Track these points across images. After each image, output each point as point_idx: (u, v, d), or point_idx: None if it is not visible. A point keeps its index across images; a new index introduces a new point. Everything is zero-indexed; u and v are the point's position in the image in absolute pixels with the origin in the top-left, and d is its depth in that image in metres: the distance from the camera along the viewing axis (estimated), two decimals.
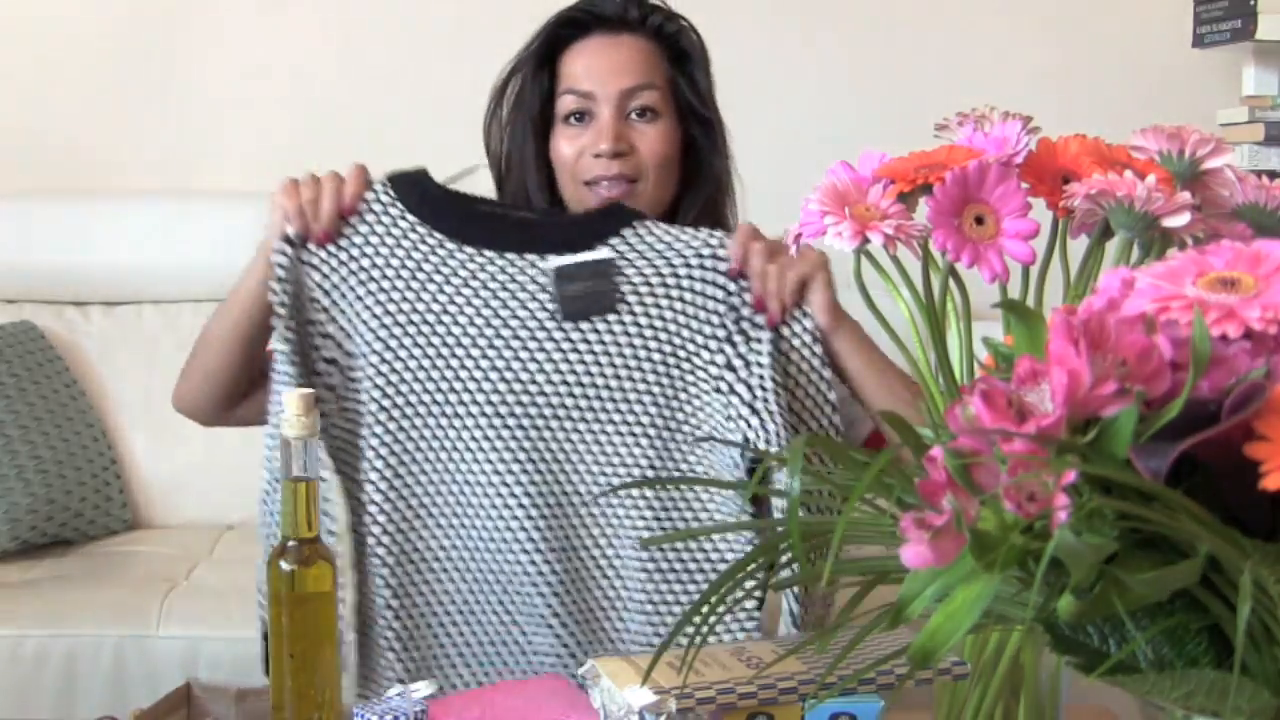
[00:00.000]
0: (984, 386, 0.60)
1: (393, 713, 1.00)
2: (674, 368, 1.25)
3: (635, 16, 1.42)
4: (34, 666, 1.98)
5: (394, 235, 1.27)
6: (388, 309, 1.26)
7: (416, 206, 1.28)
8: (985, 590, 0.60)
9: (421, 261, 1.26)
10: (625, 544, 1.26)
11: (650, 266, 1.26)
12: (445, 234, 1.27)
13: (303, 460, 1.03)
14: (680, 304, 1.26)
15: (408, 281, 1.26)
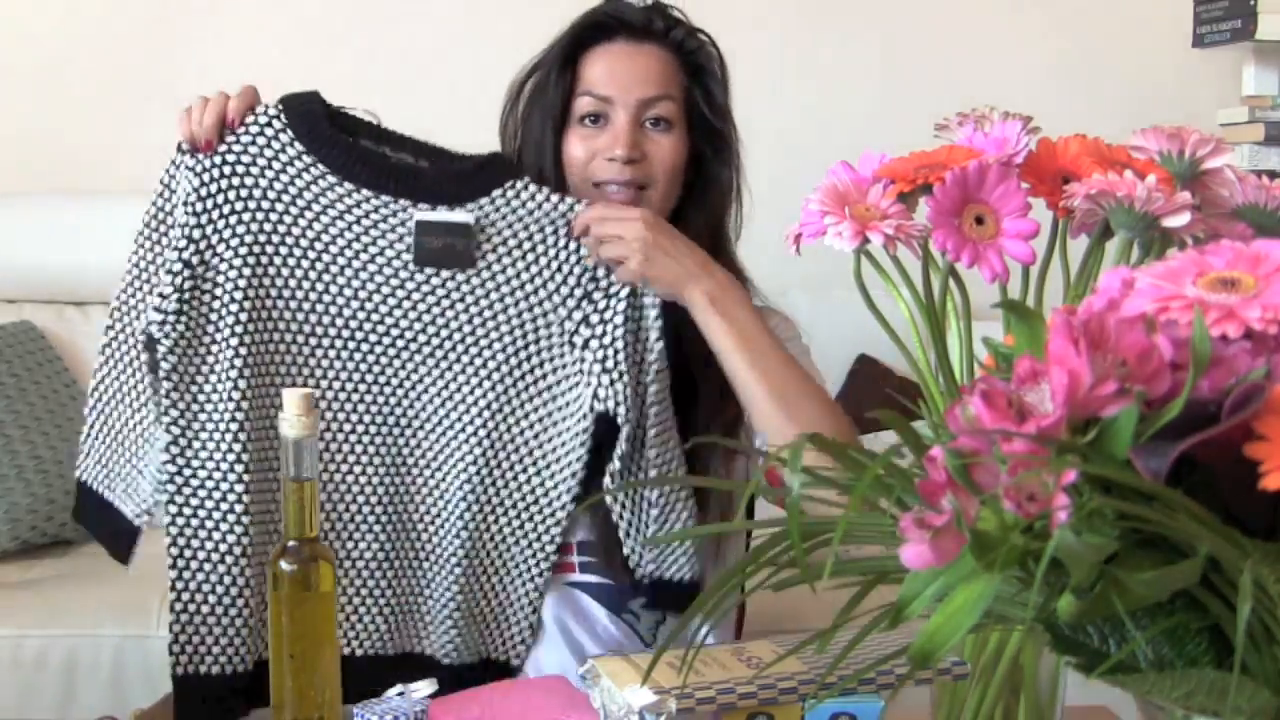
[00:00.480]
0: (984, 386, 0.60)
1: (393, 713, 1.00)
2: (529, 321, 1.35)
3: (660, 28, 1.44)
4: (34, 666, 1.99)
5: (278, 158, 1.32)
6: (260, 225, 1.31)
7: (305, 135, 1.33)
8: (985, 590, 0.60)
9: (301, 188, 1.32)
10: (452, 473, 1.35)
11: (515, 224, 1.34)
12: (327, 166, 1.33)
13: (303, 460, 1.03)
14: (540, 261, 1.34)
15: (284, 204, 1.31)
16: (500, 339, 1.34)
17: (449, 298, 1.33)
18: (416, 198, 1.33)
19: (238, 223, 1.31)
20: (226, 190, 1.31)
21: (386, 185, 1.33)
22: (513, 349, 1.35)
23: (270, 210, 1.31)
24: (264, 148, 1.32)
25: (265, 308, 1.31)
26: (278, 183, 1.32)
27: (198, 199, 1.31)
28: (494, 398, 1.35)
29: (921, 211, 0.90)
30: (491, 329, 1.34)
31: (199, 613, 1.31)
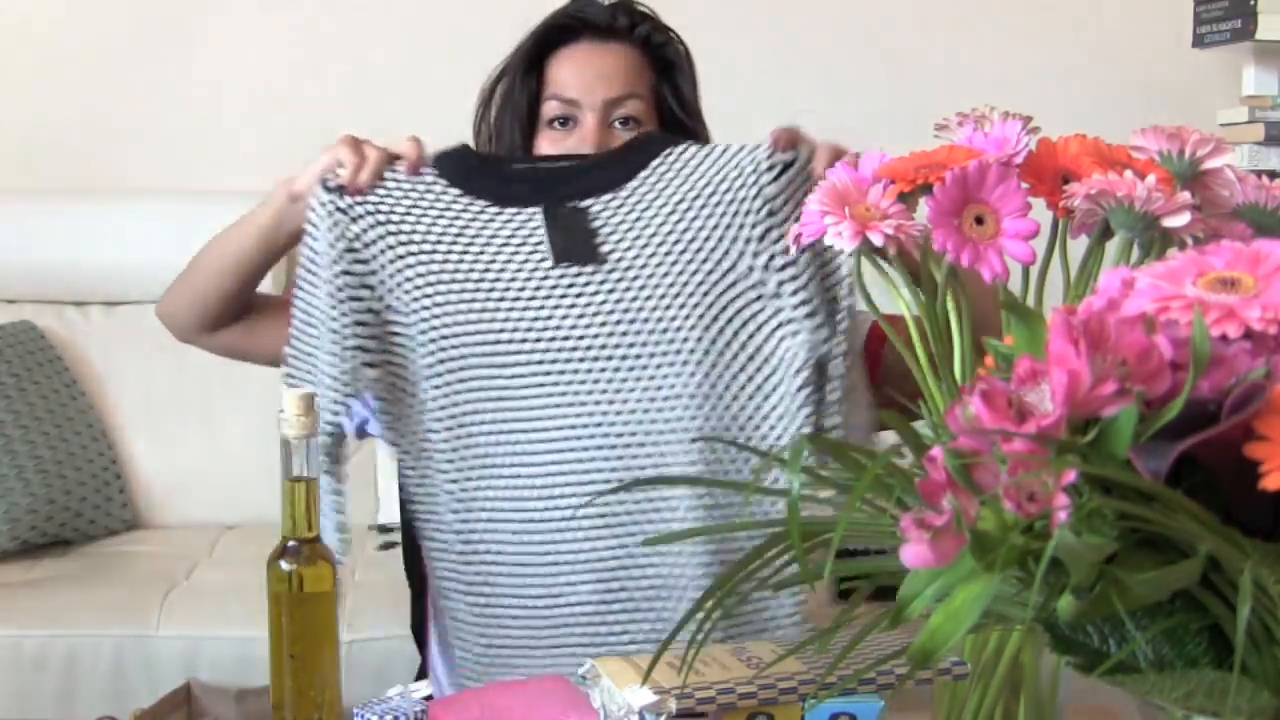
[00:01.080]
0: (984, 386, 0.60)
1: (393, 713, 1.00)
2: (713, 287, 1.25)
3: (624, 25, 1.43)
4: (34, 666, 1.99)
5: (438, 204, 1.28)
6: (432, 269, 1.26)
7: (460, 179, 1.28)
8: (985, 590, 0.60)
9: (463, 227, 1.27)
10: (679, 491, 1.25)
11: (676, 190, 1.27)
12: (487, 199, 1.28)
13: (303, 460, 1.03)
14: (711, 219, 1.25)
15: (449, 245, 1.26)
16: (689, 316, 1.24)
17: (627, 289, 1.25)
18: (578, 194, 1.27)
19: (404, 265, 1.26)
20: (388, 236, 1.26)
21: (546, 195, 1.27)
22: (706, 322, 1.24)
23: (435, 252, 1.26)
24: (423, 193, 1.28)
25: (450, 345, 1.26)
26: (437, 225, 1.27)
27: (363, 245, 1.26)
28: (696, 384, 1.24)
29: (921, 211, 0.90)
30: (679, 307, 1.24)
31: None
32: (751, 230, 1.24)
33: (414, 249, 1.26)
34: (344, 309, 1.26)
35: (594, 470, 1.25)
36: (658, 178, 1.28)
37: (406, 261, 1.26)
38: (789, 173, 1.24)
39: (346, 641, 1.25)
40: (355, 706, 1.01)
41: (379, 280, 1.27)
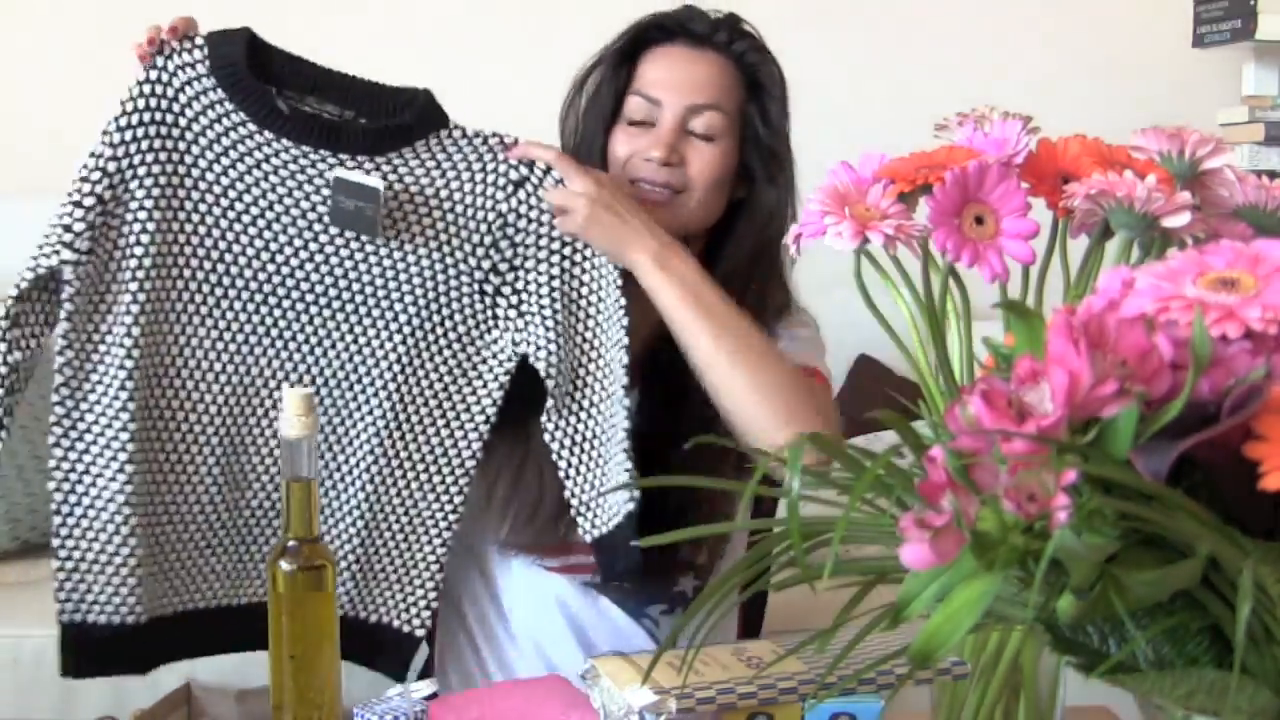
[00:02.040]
0: (984, 386, 0.60)
1: (393, 713, 1.00)
2: (438, 271, 1.32)
3: (723, 39, 1.42)
4: (34, 666, 1.98)
5: (197, 100, 1.29)
6: (175, 166, 1.28)
7: (227, 80, 1.29)
8: (985, 590, 0.60)
9: (219, 133, 1.29)
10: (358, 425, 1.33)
11: (434, 173, 1.32)
12: (247, 114, 1.29)
13: (303, 460, 1.03)
14: (455, 211, 1.32)
15: (199, 147, 1.28)
16: (411, 293, 1.32)
17: (364, 258, 1.31)
18: (338, 149, 1.30)
19: (154, 161, 1.28)
20: (140, 125, 1.28)
21: (307, 137, 1.30)
22: (423, 302, 1.32)
23: (186, 152, 1.28)
24: (184, 86, 1.29)
25: (171, 254, 1.29)
26: (195, 125, 1.29)
27: (117, 129, 1.28)
28: (404, 350, 1.32)
29: (921, 211, 0.89)
30: (403, 283, 1.32)
31: (83, 560, 1.28)
32: (484, 236, 1.32)
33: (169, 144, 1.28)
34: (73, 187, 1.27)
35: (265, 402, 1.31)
36: (416, 157, 1.32)
37: (157, 155, 1.28)
38: (520, 193, 1.32)
39: None
40: (355, 706, 1.01)
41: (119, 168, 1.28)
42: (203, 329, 1.30)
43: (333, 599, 1.05)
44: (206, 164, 1.29)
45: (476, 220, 1.32)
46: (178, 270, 1.29)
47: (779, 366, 1.26)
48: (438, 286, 1.32)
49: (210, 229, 1.29)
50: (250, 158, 1.29)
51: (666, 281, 1.27)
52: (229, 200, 1.29)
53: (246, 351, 1.31)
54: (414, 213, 1.32)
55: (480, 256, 1.32)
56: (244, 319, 1.31)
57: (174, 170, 1.28)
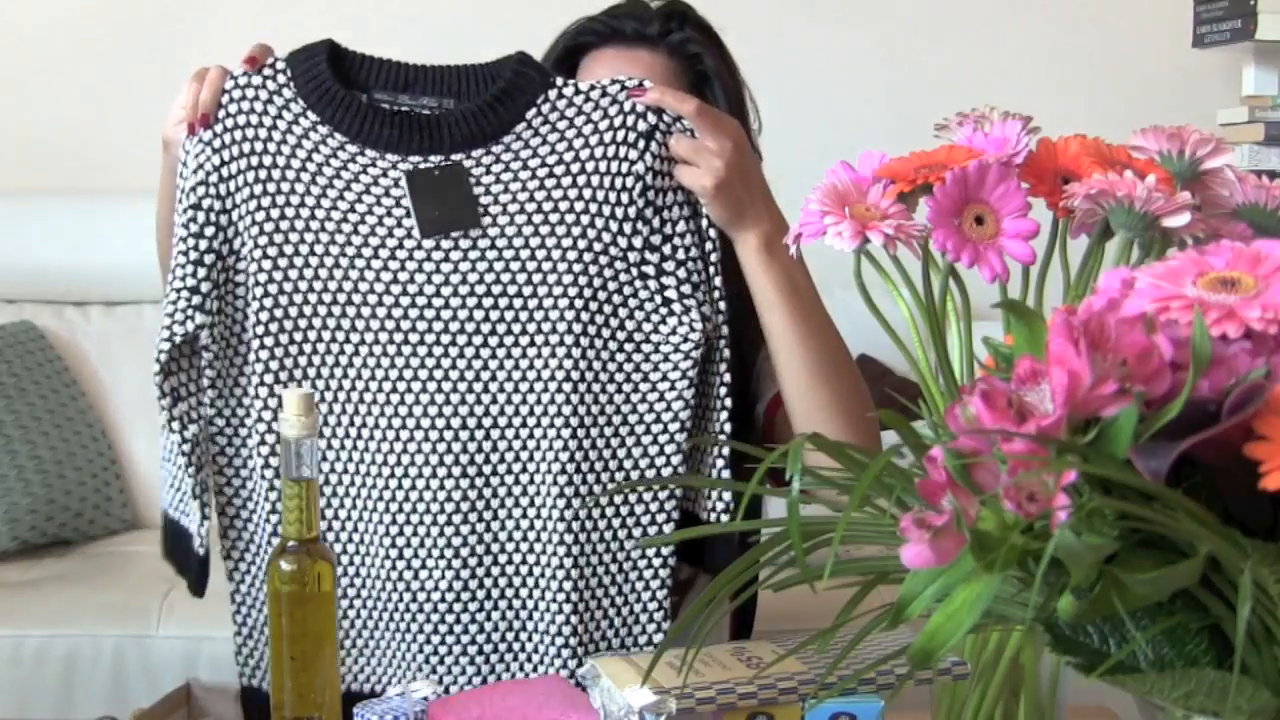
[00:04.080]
0: (984, 386, 0.60)
1: (393, 713, 1.00)
2: (589, 265, 1.17)
3: (654, 33, 1.38)
4: (34, 666, 1.99)
5: (295, 131, 1.19)
6: (275, 202, 1.18)
7: (311, 94, 1.19)
8: (985, 590, 0.60)
9: (321, 164, 1.18)
10: (542, 469, 1.18)
11: (554, 151, 1.18)
12: (345, 135, 1.18)
13: (303, 460, 1.03)
14: (588, 188, 1.17)
15: (308, 183, 1.18)
16: (564, 295, 1.16)
17: (498, 259, 1.16)
18: (445, 150, 1.17)
19: (257, 206, 1.17)
20: (245, 170, 1.18)
21: (409, 143, 1.18)
22: (580, 303, 1.16)
23: (291, 189, 1.17)
24: (275, 117, 1.18)
25: (293, 303, 1.17)
26: (295, 157, 1.18)
27: (219, 179, 1.18)
28: (571, 366, 1.16)
29: (921, 211, 0.89)
30: (553, 284, 1.16)
31: (253, 629, 1.23)
32: (628, 208, 1.17)
33: (270, 186, 1.18)
34: (188, 244, 1.18)
35: (450, 455, 1.17)
36: (533, 132, 1.19)
37: (260, 201, 1.18)
38: (653, 144, 1.18)
39: None
40: (355, 707, 1.01)
41: (230, 220, 1.19)
42: (340, 383, 1.17)
43: (333, 599, 1.05)
44: (315, 199, 1.17)
45: (617, 191, 1.17)
46: (300, 319, 1.17)
47: (851, 381, 1.22)
48: (592, 282, 1.16)
49: (331, 270, 1.17)
50: (358, 182, 1.17)
51: (773, 269, 1.20)
52: (345, 234, 1.17)
53: (398, 402, 1.17)
54: (547, 200, 1.17)
55: (630, 234, 1.17)
56: (386, 364, 1.16)
57: (282, 211, 1.17)
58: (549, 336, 1.17)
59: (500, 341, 1.17)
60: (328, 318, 1.18)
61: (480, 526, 1.18)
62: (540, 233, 1.17)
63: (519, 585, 1.19)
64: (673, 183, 1.19)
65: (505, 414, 1.17)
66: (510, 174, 1.18)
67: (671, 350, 1.18)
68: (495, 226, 1.17)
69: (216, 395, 1.22)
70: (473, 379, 1.17)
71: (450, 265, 1.17)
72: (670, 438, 1.19)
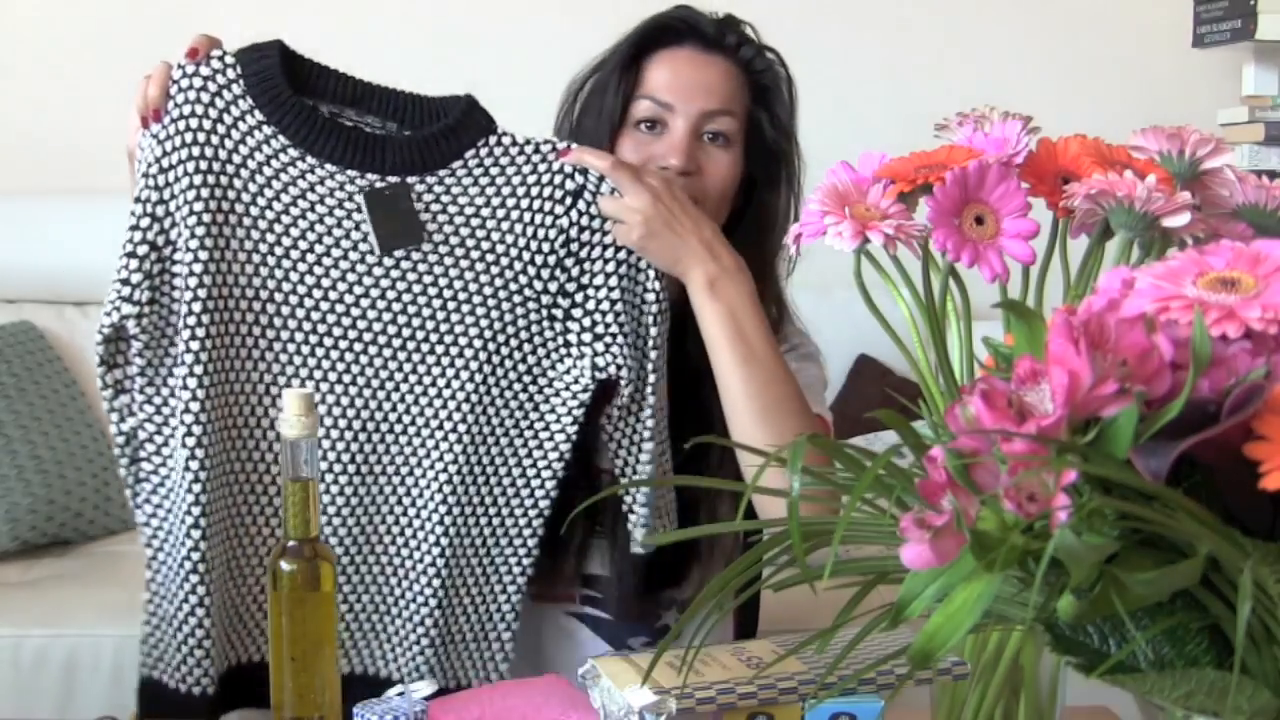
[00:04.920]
0: (984, 386, 0.60)
1: (393, 713, 1.00)
2: (503, 300, 1.25)
3: (731, 42, 1.39)
4: (34, 666, 1.98)
5: (236, 125, 1.22)
6: (219, 200, 1.21)
7: (262, 97, 1.23)
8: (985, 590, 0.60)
9: (260, 161, 1.22)
10: (428, 475, 1.26)
11: (487, 188, 1.25)
12: (286, 136, 1.23)
13: (303, 460, 1.03)
14: (511, 233, 1.25)
15: (242, 178, 1.21)
16: (475, 324, 1.24)
17: (418, 281, 1.24)
18: (384, 168, 1.23)
19: (195, 198, 1.20)
20: (185, 160, 1.20)
21: (350, 157, 1.23)
22: (488, 334, 1.25)
23: (229, 184, 1.21)
24: (221, 111, 1.21)
25: (224, 295, 1.21)
26: (237, 153, 1.21)
27: (159, 170, 1.20)
28: (472, 389, 1.25)
29: (921, 211, 0.90)
30: (466, 315, 1.24)
31: (162, 621, 1.24)
32: (548, 256, 1.26)
33: (211, 176, 1.21)
34: (126, 237, 1.21)
35: (348, 454, 1.25)
36: (467, 172, 1.26)
37: (200, 191, 1.21)
38: (580, 203, 1.26)
39: None
40: (355, 706, 1.01)
41: (168, 211, 1.21)
42: (263, 376, 1.23)
43: (333, 599, 1.05)
44: (251, 197, 1.22)
45: (539, 239, 1.25)
46: (230, 315, 1.22)
47: (796, 424, 1.24)
48: (503, 315, 1.25)
49: (258, 267, 1.22)
50: (295, 186, 1.22)
51: (714, 309, 1.25)
52: (276, 234, 1.22)
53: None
54: (471, 236, 1.25)
55: (546, 279, 1.25)
56: (299, 362, 1.23)
57: (218, 205, 1.21)
58: (455, 359, 1.25)
59: (409, 356, 1.25)
60: (254, 314, 1.23)
61: (365, 520, 1.27)
62: (460, 265, 1.25)
63: (390, 576, 1.28)
64: (602, 239, 1.26)
65: (402, 422, 1.26)
66: (439, 206, 1.25)
67: (563, 388, 1.27)
68: (418, 252, 1.24)
69: (146, 383, 1.24)
70: (377, 386, 1.25)
71: (372, 280, 1.23)
72: (549, 464, 1.27)
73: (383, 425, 1.25)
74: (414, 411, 1.25)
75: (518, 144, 1.27)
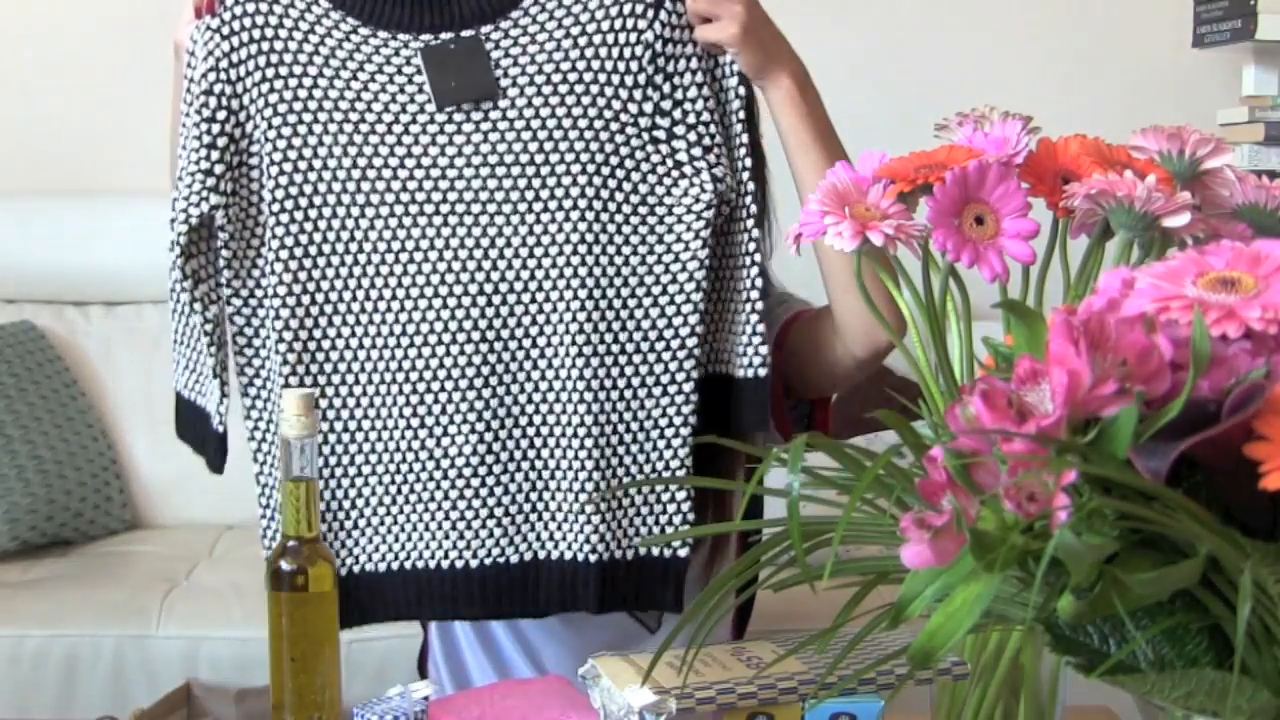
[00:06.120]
0: (984, 386, 0.60)
1: (393, 713, 1.00)
2: (600, 132, 1.20)
3: None
4: (34, 666, 1.99)
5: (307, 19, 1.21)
6: (299, 95, 1.20)
7: None
8: (985, 590, 0.60)
9: (334, 48, 1.21)
10: (559, 331, 1.20)
11: (560, 25, 1.21)
12: (357, 17, 1.21)
13: (303, 460, 1.03)
14: (596, 58, 1.20)
15: (319, 68, 1.20)
16: (578, 163, 1.19)
17: (510, 130, 1.19)
18: (455, 26, 1.20)
19: (270, 90, 1.19)
20: (255, 54, 1.19)
21: (419, 21, 1.20)
22: (593, 170, 1.19)
23: (304, 71, 1.19)
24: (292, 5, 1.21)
25: (309, 182, 1.19)
26: (306, 40, 1.20)
27: (229, 65, 1.19)
28: (586, 230, 1.18)
29: (921, 211, 0.89)
30: (565, 153, 1.19)
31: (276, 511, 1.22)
32: (637, 75, 1.20)
33: (282, 70, 1.20)
34: (200, 129, 1.20)
35: (469, 321, 1.20)
36: (540, 7, 1.21)
37: (273, 84, 1.20)
38: (662, 13, 1.20)
39: (346, 641, 1.22)
40: (355, 706, 1.01)
41: (241, 104, 1.20)
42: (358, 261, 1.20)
43: (333, 599, 1.05)
44: (328, 80, 1.19)
45: (626, 60, 1.19)
46: (317, 199, 1.19)
47: None
48: (604, 149, 1.19)
49: (345, 148, 1.19)
50: (371, 62, 1.20)
51: (802, 106, 1.24)
52: (359, 112, 1.19)
53: (415, 272, 1.19)
54: (556, 71, 1.19)
55: (640, 100, 1.20)
56: (402, 236, 1.19)
57: (294, 93, 1.19)
58: (562, 202, 1.19)
59: (515, 209, 1.19)
60: (342, 193, 1.19)
61: (502, 390, 1.20)
62: (550, 103, 1.19)
63: (540, 447, 1.21)
64: (684, 49, 1.21)
65: (521, 279, 1.19)
66: (519, 48, 1.21)
67: (684, 212, 1.20)
68: (506, 99, 1.19)
69: (233, 275, 1.22)
70: (488, 246, 1.19)
71: (463, 138, 1.19)
72: (687, 297, 1.21)
73: (500, 286, 1.19)
74: (530, 266, 1.19)
75: None
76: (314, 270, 1.20)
